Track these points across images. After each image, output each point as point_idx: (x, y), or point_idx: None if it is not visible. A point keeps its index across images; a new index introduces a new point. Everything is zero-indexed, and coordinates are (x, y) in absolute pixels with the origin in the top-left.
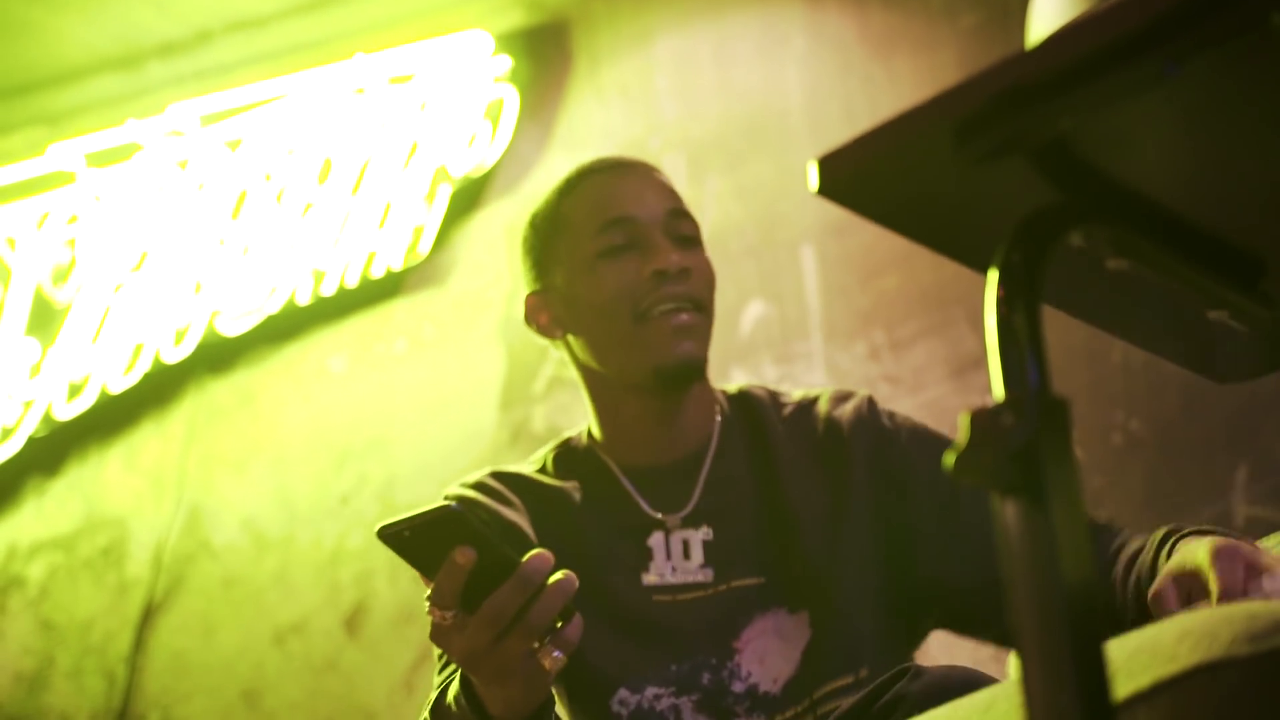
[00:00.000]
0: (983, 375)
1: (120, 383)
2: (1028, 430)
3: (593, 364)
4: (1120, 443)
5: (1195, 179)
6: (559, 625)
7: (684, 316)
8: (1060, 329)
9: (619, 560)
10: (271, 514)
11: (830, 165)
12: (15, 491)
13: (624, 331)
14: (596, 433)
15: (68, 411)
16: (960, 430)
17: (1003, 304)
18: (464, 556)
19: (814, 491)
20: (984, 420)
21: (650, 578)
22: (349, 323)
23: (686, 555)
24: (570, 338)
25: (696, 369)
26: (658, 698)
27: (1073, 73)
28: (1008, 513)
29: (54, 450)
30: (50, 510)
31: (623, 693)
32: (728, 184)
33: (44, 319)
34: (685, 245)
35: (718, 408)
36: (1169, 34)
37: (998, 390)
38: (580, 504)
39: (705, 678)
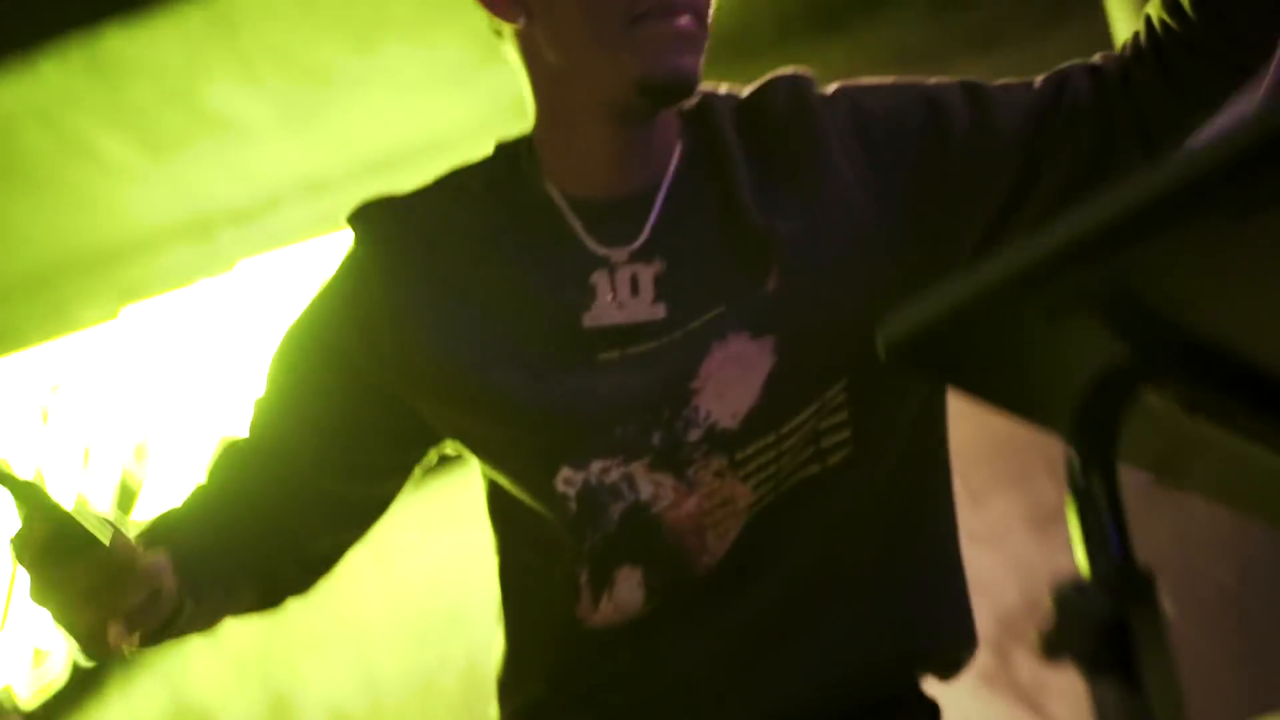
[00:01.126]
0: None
1: None
2: (1115, 608)
3: (559, 65)
4: (1211, 596)
5: (1276, 330)
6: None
7: (684, 22)
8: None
9: (555, 303)
10: (357, 700)
11: (892, 328)
12: (99, 683)
13: (613, 33)
14: (540, 152)
15: None
16: (1048, 608)
17: (1078, 472)
18: (39, 530)
19: (785, 206)
20: (1069, 598)
21: (593, 318)
22: (425, 489)
23: (635, 292)
24: (534, 28)
25: (689, 86)
26: (605, 470)
27: (1138, 224)
28: (1102, 695)
29: None
30: (137, 702)
31: (565, 471)
32: None
33: (125, 498)
34: None
35: (678, 132)
36: (1239, 183)
37: (1081, 564)
38: (507, 239)
39: (656, 437)
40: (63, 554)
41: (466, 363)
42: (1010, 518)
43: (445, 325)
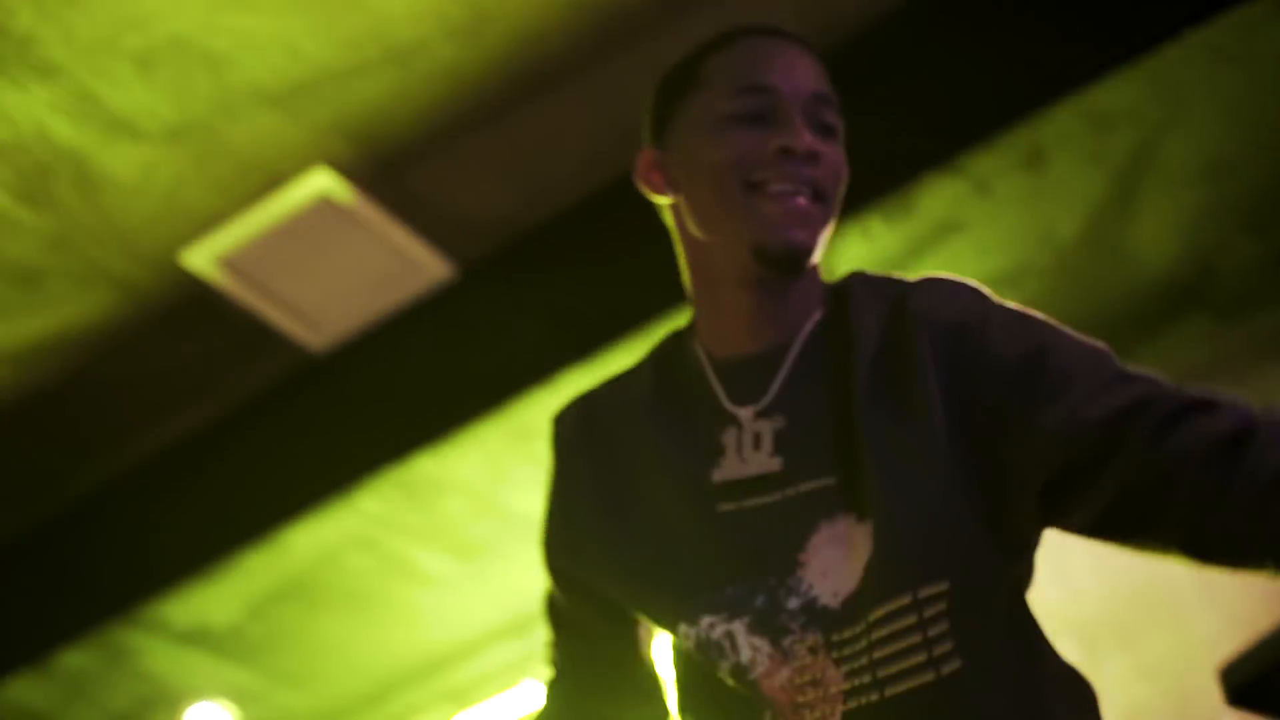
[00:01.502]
0: None
1: None
2: None
3: (697, 235)
4: None
5: None
6: None
7: (801, 201)
8: None
9: (690, 462)
10: None
11: (1234, 675)
12: None
13: (732, 201)
14: (695, 319)
15: None
16: None
17: None
18: None
19: (885, 389)
20: None
21: (721, 473)
22: None
23: (757, 446)
24: (679, 203)
25: (800, 259)
26: (712, 626)
27: None
28: None
29: None
30: None
31: (683, 627)
32: (1127, 664)
33: None
34: (823, 133)
35: (821, 301)
36: None
37: None
38: (661, 407)
39: (760, 600)
40: None
41: (611, 531)
42: None
43: (599, 499)
